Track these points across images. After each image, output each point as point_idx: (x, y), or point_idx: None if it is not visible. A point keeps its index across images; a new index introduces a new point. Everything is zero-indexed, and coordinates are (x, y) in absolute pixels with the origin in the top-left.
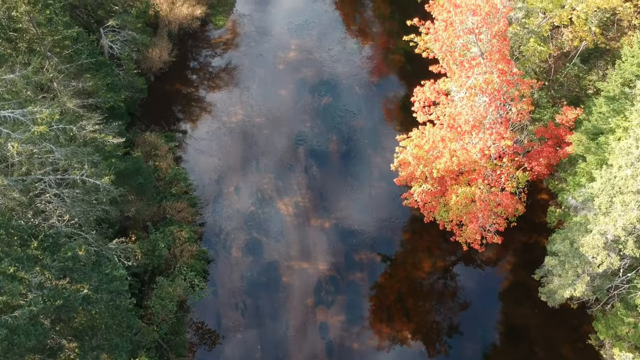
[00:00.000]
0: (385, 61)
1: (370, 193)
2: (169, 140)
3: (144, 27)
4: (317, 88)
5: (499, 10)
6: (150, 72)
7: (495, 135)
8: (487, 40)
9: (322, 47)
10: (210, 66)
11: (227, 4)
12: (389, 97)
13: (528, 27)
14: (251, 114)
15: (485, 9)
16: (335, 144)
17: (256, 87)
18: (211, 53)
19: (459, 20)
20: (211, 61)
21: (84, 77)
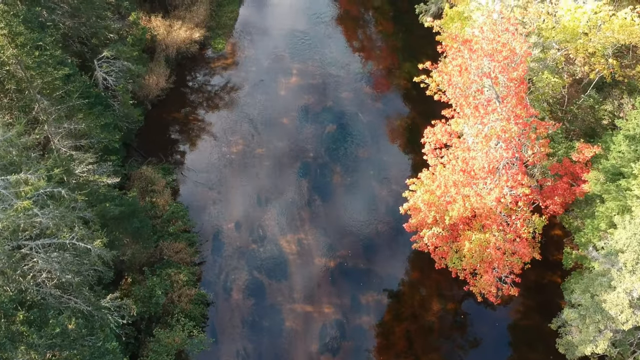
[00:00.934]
0: (390, 86)
1: (376, 229)
2: (167, 173)
3: (140, 55)
4: (320, 115)
5: (517, 53)
6: (147, 100)
7: (511, 181)
8: (504, 84)
9: (325, 72)
10: (209, 92)
11: (226, 27)
12: (394, 125)
13: (543, 61)
14: (252, 144)
15: (503, 53)
16: (339, 175)
17: (257, 115)
18: (210, 78)
19: (475, 66)
20: (210, 87)
21: (76, 118)
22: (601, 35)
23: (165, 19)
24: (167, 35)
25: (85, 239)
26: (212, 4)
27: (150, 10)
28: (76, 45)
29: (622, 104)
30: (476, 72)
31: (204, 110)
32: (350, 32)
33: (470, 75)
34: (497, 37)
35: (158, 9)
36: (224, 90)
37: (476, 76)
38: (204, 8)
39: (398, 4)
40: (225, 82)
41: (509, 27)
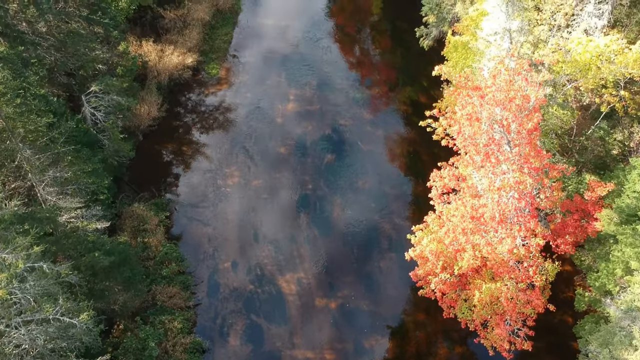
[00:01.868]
0: (390, 112)
1: (379, 266)
2: (159, 209)
3: (131, 84)
4: (318, 144)
5: (531, 100)
6: (139, 131)
7: (524, 230)
8: (517, 132)
9: (323, 97)
10: (203, 121)
11: (220, 50)
12: (395, 153)
13: (553, 98)
14: (248, 176)
15: (516, 101)
16: (339, 208)
17: (253, 145)
18: (204, 106)
19: (487, 114)
20: (204, 115)
21: (62, 165)
22: (614, 68)
23: (157, 44)
24: (158, 61)
25: (71, 313)
26: (205, 27)
27: (141, 35)
28: (63, 78)
29: (633, 132)
30: (487, 120)
31: (197, 140)
32: (347, 53)
33: (482, 124)
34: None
35: (149, 33)
36: (219, 119)
37: (487, 125)
38: (197, 32)
39: (396, 23)
40: (219, 110)
41: (522, 71)
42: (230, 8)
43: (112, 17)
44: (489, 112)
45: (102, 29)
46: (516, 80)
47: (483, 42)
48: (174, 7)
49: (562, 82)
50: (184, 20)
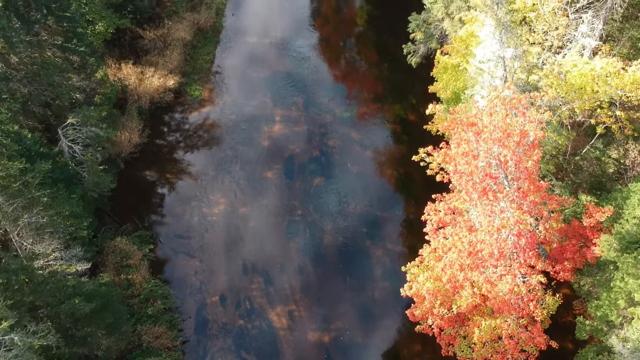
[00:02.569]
0: (379, 131)
1: (373, 296)
2: (143, 242)
3: (111, 111)
4: (306, 167)
5: (530, 136)
6: (120, 158)
7: (525, 266)
8: (515, 168)
9: (310, 117)
10: (187, 146)
11: (202, 71)
12: (386, 175)
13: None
14: (235, 202)
15: (514, 138)
16: (330, 235)
17: (239, 170)
18: (187, 129)
19: (484, 152)
20: (188, 140)
21: (37, 210)
22: (610, 90)
23: (137, 66)
24: (139, 84)
25: None
26: (186, 46)
27: (120, 57)
28: (38, 109)
29: (628, 150)
30: (485, 157)
31: (181, 166)
32: (334, 70)
33: (479, 162)
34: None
35: (128, 55)
36: (203, 143)
37: (485, 162)
38: (178, 52)
39: (383, 37)
40: (203, 134)
41: (519, 106)
42: (212, 26)
43: (88, 43)
44: (486, 150)
45: (78, 57)
46: (514, 115)
47: (476, 70)
48: (153, 27)
49: (557, 104)
50: (164, 40)
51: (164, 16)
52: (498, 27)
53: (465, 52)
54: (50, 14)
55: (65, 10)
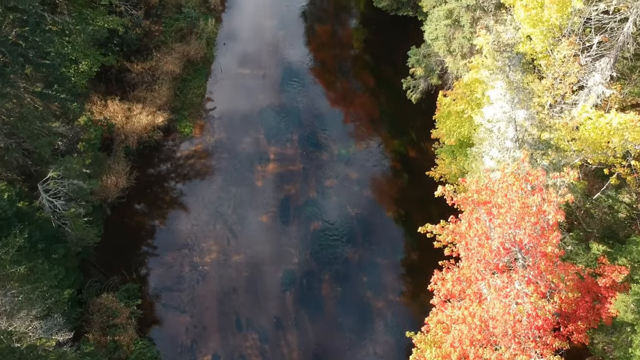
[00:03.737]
0: (378, 169)
1: (375, 352)
2: (131, 296)
3: (96, 156)
4: (303, 210)
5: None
6: (106, 204)
7: (541, 345)
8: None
9: (306, 154)
10: (176, 188)
11: (193, 106)
12: (386, 218)
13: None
14: (228, 250)
15: (531, 219)
16: (328, 285)
17: (232, 214)
18: (177, 171)
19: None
20: (178, 182)
21: (11, 286)
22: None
23: (124, 102)
24: (126, 123)
25: None
26: (176, 80)
27: (105, 93)
28: (18, 159)
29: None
30: (498, 238)
31: (171, 210)
32: (330, 102)
33: (492, 242)
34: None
35: (115, 90)
36: (194, 185)
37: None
38: (167, 87)
39: (381, 67)
40: (194, 175)
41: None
42: (203, 57)
43: (70, 87)
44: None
45: (59, 105)
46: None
47: (485, 130)
48: (141, 60)
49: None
50: (152, 74)
51: (152, 47)
52: (511, 92)
53: (470, 98)
54: (27, 63)
55: (44, 57)
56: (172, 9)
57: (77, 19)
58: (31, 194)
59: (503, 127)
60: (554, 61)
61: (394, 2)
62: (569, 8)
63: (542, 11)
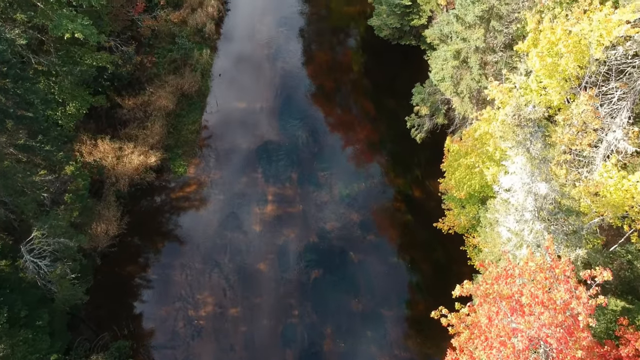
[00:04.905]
0: (382, 211)
1: None
2: (122, 357)
3: (84, 204)
4: (303, 257)
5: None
6: (96, 253)
7: None
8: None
9: (305, 195)
10: (170, 234)
11: (187, 143)
12: (390, 264)
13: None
14: (224, 302)
15: (559, 317)
16: (331, 340)
17: (228, 262)
18: (171, 215)
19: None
20: (171, 226)
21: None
22: None
23: (114, 141)
24: (117, 164)
25: None
26: (169, 116)
27: (95, 131)
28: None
29: None
30: (522, 338)
31: (164, 258)
32: (331, 138)
33: (515, 341)
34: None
35: (105, 129)
36: (188, 230)
37: (522, 342)
38: (160, 124)
39: (383, 100)
40: (188, 219)
41: (562, 277)
42: (197, 90)
43: (56, 135)
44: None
45: (42, 157)
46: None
47: (501, 201)
48: (133, 94)
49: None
50: (144, 109)
51: (145, 81)
52: (532, 167)
53: (481, 151)
54: (7, 118)
55: (27, 109)
56: (165, 39)
57: (64, 57)
58: (15, 247)
59: (521, 198)
60: (572, 115)
61: (395, 31)
62: (587, 57)
63: (558, 59)
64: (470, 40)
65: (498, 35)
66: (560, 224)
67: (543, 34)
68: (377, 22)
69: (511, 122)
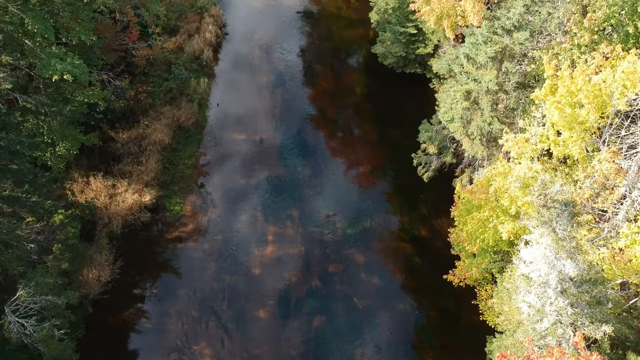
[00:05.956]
0: (387, 251)
1: None
2: None
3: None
4: (305, 303)
5: None
6: (87, 300)
7: None
8: None
9: (307, 234)
10: (165, 278)
11: (183, 179)
12: (396, 310)
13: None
14: (222, 354)
15: None
16: None
17: (226, 308)
18: (166, 257)
19: None
20: (166, 269)
21: None
22: None
23: (107, 178)
24: (110, 203)
25: None
26: (164, 150)
27: (88, 168)
28: None
29: None
30: None
31: (160, 305)
32: (334, 173)
33: None
34: None
35: (98, 165)
36: (184, 274)
37: None
38: (155, 159)
39: (388, 129)
40: (185, 262)
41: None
42: (195, 123)
43: (44, 183)
44: None
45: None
46: None
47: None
48: (127, 126)
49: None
50: (139, 143)
51: (140, 113)
52: (558, 248)
53: (495, 205)
54: None
55: (12, 160)
56: (161, 67)
57: (53, 95)
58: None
59: (543, 273)
60: (594, 172)
61: (400, 59)
62: (609, 107)
63: (579, 110)
64: (482, 81)
65: (511, 77)
66: (584, 298)
67: (561, 81)
68: (380, 49)
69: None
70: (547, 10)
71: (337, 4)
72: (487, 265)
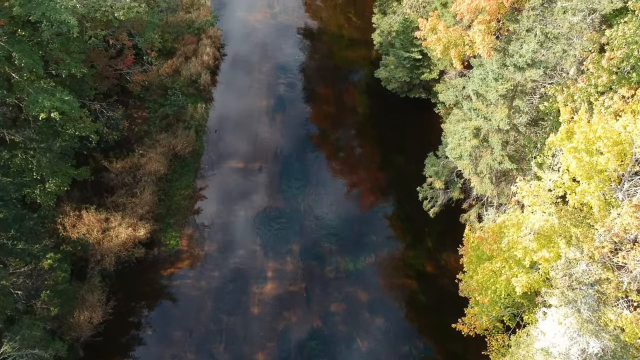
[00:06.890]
0: (391, 289)
1: None
2: None
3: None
4: (306, 346)
5: None
6: (78, 344)
7: None
8: None
9: (308, 270)
10: (159, 318)
11: (179, 211)
12: (402, 353)
13: None
14: None
15: None
16: None
17: (224, 351)
18: (161, 296)
19: None
20: (161, 309)
21: None
22: None
23: (100, 211)
24: (102, 238)
25: None
26: (160, 181)
27: (80, 200)
28: None
29: None
30: None
31: (154, 348)
32: (335, 205)
33: None
34: None
35: (91, 197)
36: (180, 314)
37: None
38: (150, 190)
39: (391, 157)
40: (180, 300)
41: None
42: (191, 151)
43: (32, 226)
44: None
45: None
46: None
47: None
48: (121, 156)
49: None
50: (134, 174)
51: (134, 141)
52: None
53: (508, 255)
54: None
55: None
56: (156, 91)
57: (43, 129)
58: None
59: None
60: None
61: (404, 84)
62: (630, 155)
63: (598, 158)
64: (492, 119)
65: (523, 116)
66: None
67: (578, 126)
68: (384, 74)
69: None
70: (562, 47)
71: (338, 22)
72: (498, 313)
